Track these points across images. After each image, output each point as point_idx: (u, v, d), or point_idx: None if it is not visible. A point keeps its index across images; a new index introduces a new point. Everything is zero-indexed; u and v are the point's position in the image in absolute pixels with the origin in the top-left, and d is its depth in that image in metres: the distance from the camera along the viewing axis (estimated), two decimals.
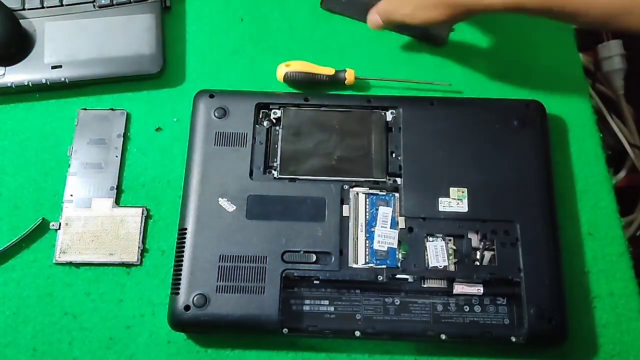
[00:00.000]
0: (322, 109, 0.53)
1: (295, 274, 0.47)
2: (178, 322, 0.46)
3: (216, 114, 0.51)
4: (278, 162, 0.51)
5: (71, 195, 0.52)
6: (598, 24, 0.47)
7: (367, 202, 0.49)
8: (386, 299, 0.47)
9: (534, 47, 0.60)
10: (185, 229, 0.48)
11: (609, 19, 0.44)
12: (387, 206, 0.49)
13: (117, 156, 0.53)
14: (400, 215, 0.49)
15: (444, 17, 0.48)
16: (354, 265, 0.48)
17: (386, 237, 0.48)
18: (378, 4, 0.53)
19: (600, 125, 0.57)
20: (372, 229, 0.49)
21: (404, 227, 0.49)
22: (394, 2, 0.51)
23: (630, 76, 0.72)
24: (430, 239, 0.48)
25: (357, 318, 0.47)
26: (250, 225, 0.48)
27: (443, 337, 0.46)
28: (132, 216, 0.51)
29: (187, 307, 0.45)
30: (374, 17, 0.53)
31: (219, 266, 0.47)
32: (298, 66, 0.55)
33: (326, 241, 0.48)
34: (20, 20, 0.56)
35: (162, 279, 0.50)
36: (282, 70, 0.56)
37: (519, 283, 0.47)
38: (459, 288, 0.47)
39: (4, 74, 0.54)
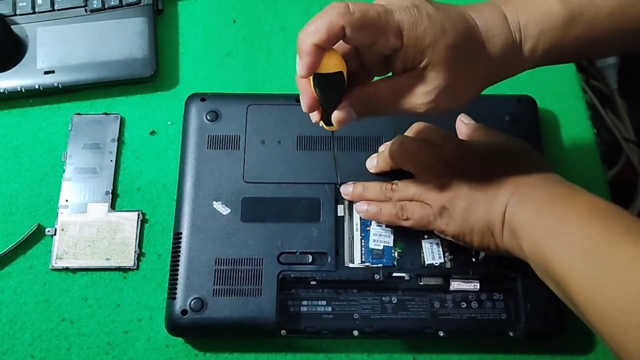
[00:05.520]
0: None
1: (292, 275, 0.47)
2: (175, 327, 0.46)
3: (208, 118, 0.51)
4: None
5: (66, 201, 0.51)
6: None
7: None
8: (383, 298, 0.47)
9: None
10: (180, 233, 0.48)
11: None
12: None
13: (111, 160, 0.53)
14: None
15: None
16: (350, 265, 0.48)
17: (382, 236, 0.48)
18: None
19: (594, 119, 0.58)
20: (368, 228, 0.48)
21: None
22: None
23: (624, 70, 0.72)
24: (426, 236, 0.48)
25: (355, 317, 0.47)
26: (245, 228, 0.48)
27: (441, 334, 0.46)
28: (128, 220, 0.51)
29: (184, 312, 0.45)
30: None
31: (215, 270, 0.46)
32: None
33: (322, 242, 0.48)
34: (12, 26, 0.56)
35: (159, 282, 0.50)
36: None
37: (515, 278, 0.47)
38: (455, 285, 0.47)
39: None
